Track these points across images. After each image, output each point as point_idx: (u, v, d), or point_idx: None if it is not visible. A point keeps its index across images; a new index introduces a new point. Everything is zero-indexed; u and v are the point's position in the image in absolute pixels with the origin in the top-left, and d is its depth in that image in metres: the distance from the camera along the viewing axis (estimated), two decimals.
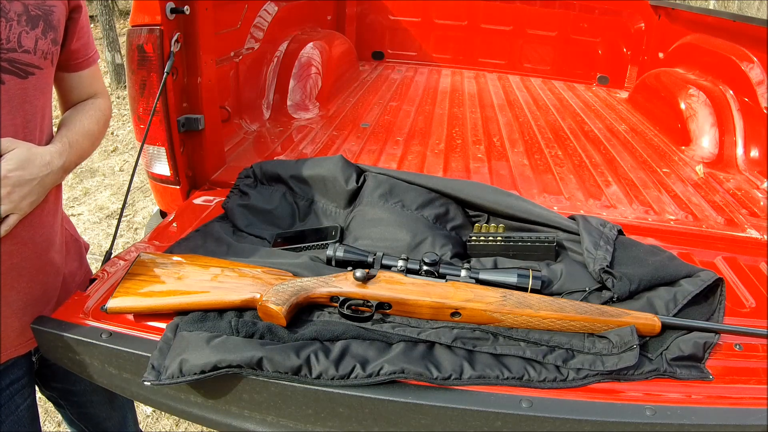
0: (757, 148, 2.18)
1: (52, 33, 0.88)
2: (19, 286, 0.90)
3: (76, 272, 1.08)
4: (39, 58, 0.85)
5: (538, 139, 2.35)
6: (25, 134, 0.86)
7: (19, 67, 0.82)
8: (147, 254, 1.03)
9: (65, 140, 0.92)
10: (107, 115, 1.07)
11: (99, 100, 1.06)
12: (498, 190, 1.34)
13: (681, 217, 1.67)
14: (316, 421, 0.86)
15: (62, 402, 1.20)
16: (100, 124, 1.03)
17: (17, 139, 0.83)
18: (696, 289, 1.03)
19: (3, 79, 0.80)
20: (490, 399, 0.82)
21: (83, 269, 1.13)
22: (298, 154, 1.91)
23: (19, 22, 0.81)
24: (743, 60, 2.34)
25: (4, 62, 0.80)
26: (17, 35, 0.81)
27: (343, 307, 0.92)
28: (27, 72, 0.84)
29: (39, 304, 0.96)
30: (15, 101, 0.83)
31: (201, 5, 1.43)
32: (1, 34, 0.79)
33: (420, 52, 3.65)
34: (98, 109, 1.04)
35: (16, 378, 0.99)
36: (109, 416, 1.26)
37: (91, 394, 1.19)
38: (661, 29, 3.31)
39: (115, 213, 3.44)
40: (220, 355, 0.82)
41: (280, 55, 2.33)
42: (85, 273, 1.12)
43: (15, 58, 0.81)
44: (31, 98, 0.85)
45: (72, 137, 0.94)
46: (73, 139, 0.94)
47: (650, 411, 0.82)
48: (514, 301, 0.92)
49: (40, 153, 0.85)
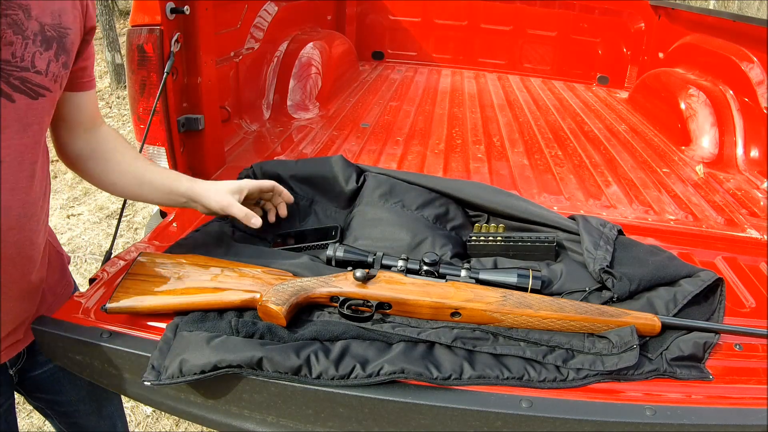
0: (757, 148, 2.18)
1: (64, 56, 0.85)
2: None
3: (56, 285, 1.05)
4: (50, 81, 0.83)
5: (538, 139, 2.35)
6: (32, 155, 0.84)
7: (30, 87, 0.80)
8: (147, 254, 1.03)
9: None
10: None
11: (118, 138, 1.07)
12: (498, 190, 1.34)
13: (681, 217, 1.67)
14: (316, 421, 0.86)
15: (50, 413, 1.18)
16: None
17: (23, 159, 0.82)
18: (696, 289, 1.03)
19: (14, 98, 0.78)
20: (490, 399, 0.82)
21: (65, 281, 1.10)
22: (298, 154, 1.91)
23: (34, 42, 0.79)
24: (743, 60, 2.34)
25: (16, 80, 0.78)
26: (31, 55, 0.79)
27: (343, 307, 0.92)
28: (38, 93, 0.82)
29: (23, 311, 0.93)
30: (24, 121, 0.81)
31: (201, 5, 1.43)
32: (16, 51, 0.77)
33: (420, 52, 3.65)
34: (126, 143, 1.07)
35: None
36: (98, 425, 1.24)
37: (78, 404, 1.17)
38: (661, 29, 3.31)
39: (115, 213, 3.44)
40: (220, 355, 0.82)
41: (280, 55, 2.33)
42: (66, 285, 1.10)
43: (27, 78, 0.79)
44: (39, 119, 0.83)
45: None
46: None
47: (650, 411, 0.81)
48: (514, 301, 0.92)
49: None
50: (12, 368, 1.01)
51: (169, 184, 1.04)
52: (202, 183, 1.05)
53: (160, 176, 1.04)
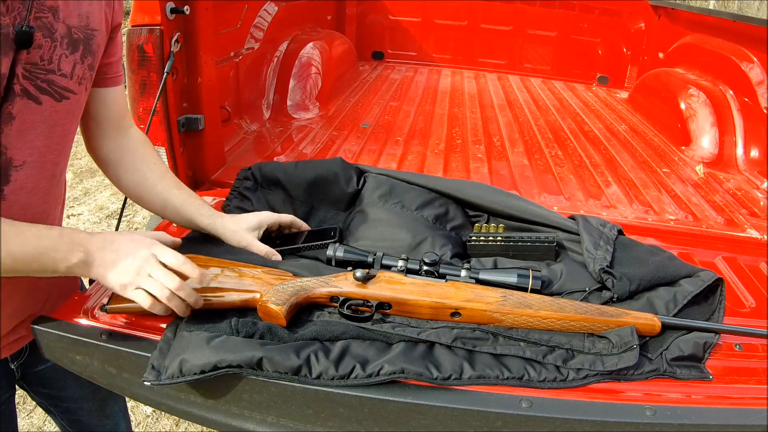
0: (757, 148, 2.18)
1: (90, 58, 0.86)
2: (15, 297, 0.90)
3: (64, 282, 1.04)
4: (74, 83, 0.84)
5: (538, 139, 2.35)
6: (54, 156, 0.85)
7: (55, 89, 0.81)
8: None
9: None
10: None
11: (146, 145, 1.08)
12: (498, 190, 1.34)
13: (681, 217, 1.67)
14: (316, 421, 0.86)
15: (52, 409, 1.18)
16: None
17: (45, 161, 0.83)
18: (696, 289, 1.03)
19: (41, 100, 0.79)
20: (490, 399, 0.82)
21: (72, 278, 1.10)
22: (298, 154, 1.91)
23: (61, 44, 0.80)
24: (743, 60, 2.34)
25: (43, 83, 0.79)
26: (58, 58, 0.80)
27: (343, 307, 0.92)
28: (62, 96, 0.83)
29: (21, 310, 0.94)
30: (48, 123, 0.82)
31: (201, 5, 1.43)
32: (44, 54, 0.78)
33: (420, 52, 3.65)
34: (154, 152, 1.08)
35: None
36: (101, 424, 1.24)
37: (82, 401, 1.17)
38: (661, 29, 3.31)
39: (115, 213, 3.44)
40: (220, 355, 0.82)
41: (280, 55, 2.33)
42: (72, 282, 1.09)
43: (53, 80, 0.80)
44: (62, 121, 0.84)
45: None
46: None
47: (650, 411, 0.81)
48: (514, 301, 0.92)
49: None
50: (14, 363, 1.01)
51: (190, 216, 1.06)
52: (222, 220, 1.07)
53: (183, 204, 1.06)
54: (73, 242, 0.80)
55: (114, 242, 0.84)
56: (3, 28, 0.71)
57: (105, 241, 0.83)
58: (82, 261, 0.81)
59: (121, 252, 0.83)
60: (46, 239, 0.78)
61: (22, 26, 0.73)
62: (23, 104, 0.77)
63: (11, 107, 0.76)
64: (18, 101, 0.76)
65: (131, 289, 0.83)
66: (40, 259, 0.78)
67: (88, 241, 0.82)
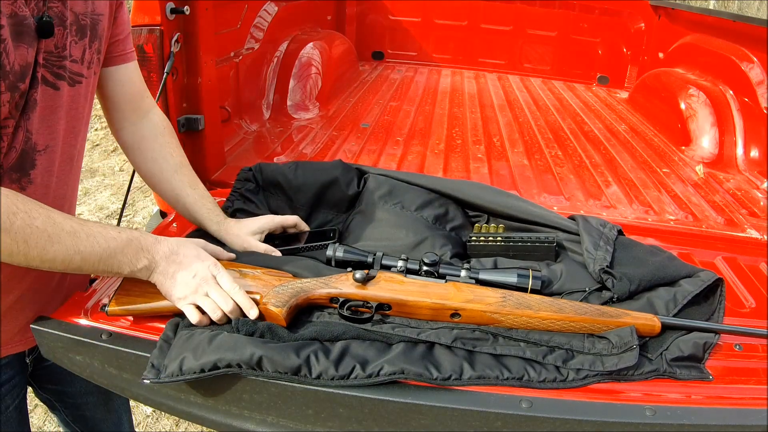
0: (757, 148, 2.18)
1: (97, 42, 0.90)
2: (23, 283, 0.91)
3: (80, 277, 1.07)
4: (84, 68, 0.88)
5: (538, 139, 2.35)
6: (72, 139, 0.89)
7: (69, 75, 0.85)
8: None
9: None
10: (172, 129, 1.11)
11: (166, 132, 1.09)
12: (497, 191, 1.34)
13: (681, 217, 1.67)
14: (316, 422, 0.86)
15: (57, 404, 1.19)
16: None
17: (64, 144, 0.87)
18: (696, 289, 1.03)
19: (58, 85, 0.83)
20: (490, 399, 0.82)
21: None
22: (298, 155, 1.91)
23: (71, 31, 0.84)
24: (743, 60, 2.34)
25: (59, 69, 0.83)
26: (69, 44, 0.84)
27: (342, 308, 0.92)
28: (75, 81, 0.86)
29: (41, 301, 0.96)
30: (65, 107, 0.86)
31: (201, 5, 1.43)
32: (58, 42, 0.81)
33: (420, 52, 3.65)
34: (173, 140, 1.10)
35: (8, 378, 0.98)
36: (104, 418, 1.25)
37: (86, 396, 1.19)
38: (661, 29, 3.31)
39: (115, 213, 3.45)
40: (220, 354, 0.82)
41: (280, 55, 2.33)
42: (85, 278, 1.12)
43: (67, 66, 0.84)
44: (77, 105, 0.88)
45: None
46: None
47: (650, 411, 0.81)
48: (514, 302, 0.92)
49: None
50: (29, 357, 1.03)
51: (200, 219, 1.11)
52: (229, 227, 1.11)
53: (194, 204, 1.10)
54: (141, 248, 0.84)
55: (179, 254, 0.87)
56: (26, 20, 0.75)
57: (171, 250, 0.87)
58: (145, 267, 0.85)
59: (183, 265, 0.87)
60: (114, 242, 0.81)
61: (42, 16, 0.77)
62: (44, 91, 0.81)
63: (35, 94, 0.80)
64: (40, 88, 0.80)
65: (185, 302, 0.87)
66: (108, 261, 0.81)
67: (155, 248, 0.86)
